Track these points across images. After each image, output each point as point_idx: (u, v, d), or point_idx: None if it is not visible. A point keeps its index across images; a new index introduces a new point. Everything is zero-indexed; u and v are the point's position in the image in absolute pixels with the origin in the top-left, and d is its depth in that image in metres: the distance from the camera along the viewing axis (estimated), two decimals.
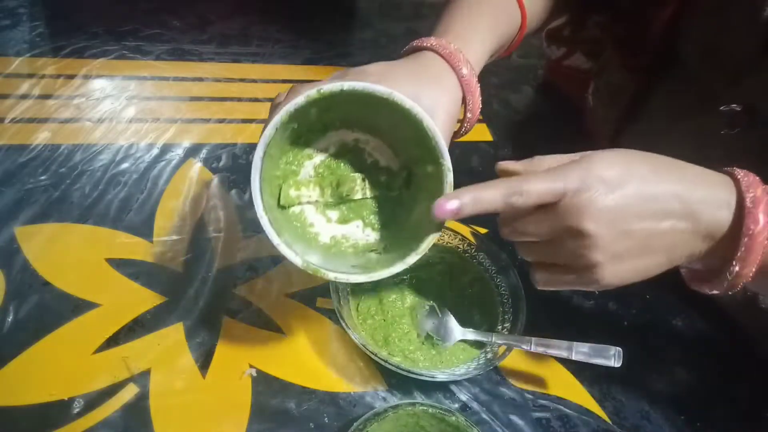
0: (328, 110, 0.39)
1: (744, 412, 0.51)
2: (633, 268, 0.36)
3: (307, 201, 0.43)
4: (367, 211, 0.44)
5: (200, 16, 0.84)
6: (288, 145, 0.41)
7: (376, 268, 0.39)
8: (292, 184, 0.42)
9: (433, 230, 0.38)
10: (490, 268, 0.54)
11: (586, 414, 0.48)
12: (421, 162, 0.40)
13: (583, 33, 0.75)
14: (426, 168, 0.40)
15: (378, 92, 0.36)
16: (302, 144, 0.42)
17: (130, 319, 0.47)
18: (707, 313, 0.57)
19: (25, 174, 0.56)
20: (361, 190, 0.43)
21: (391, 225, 0.44)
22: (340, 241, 0.43)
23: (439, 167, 0.38)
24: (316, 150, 0.43)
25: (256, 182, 0.36)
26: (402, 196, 0.43)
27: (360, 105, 0.38)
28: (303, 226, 0.43)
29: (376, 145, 0.43)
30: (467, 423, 0.40)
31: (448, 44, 0.42)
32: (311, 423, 0.43)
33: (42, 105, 0.64)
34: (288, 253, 0.37)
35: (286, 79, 0.76)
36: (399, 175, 0.43)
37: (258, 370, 0.46)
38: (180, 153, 0.62)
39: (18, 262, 0.49)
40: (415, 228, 0.41)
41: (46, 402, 0.41)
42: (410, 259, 0.38)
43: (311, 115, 0.39)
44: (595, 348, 0.45)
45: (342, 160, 0.43)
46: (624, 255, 0.35)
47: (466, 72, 0.42)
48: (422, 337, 0.48)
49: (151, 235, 0.53)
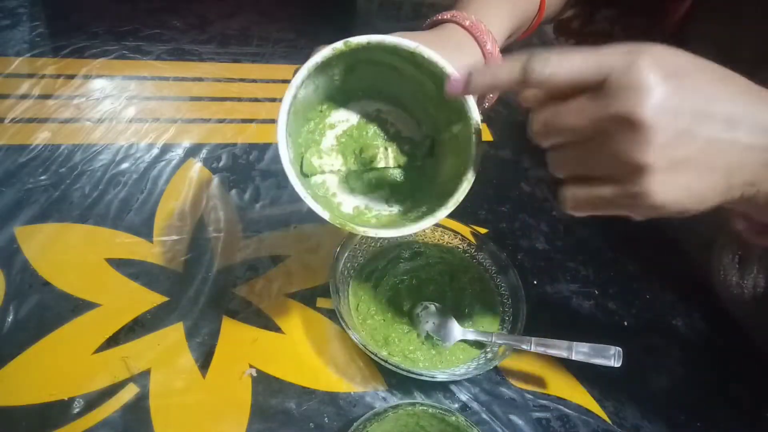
0: (352, 71, 0.39)
1: (744, 412, 0.51)
2: (687, 184, 0.29)
3: (329, 170, 0.42)
4: (390, 181, 0.43)
5: (200, 16, 0.84)
6: (310, 113, 0.41)
7: (404, 224, 0.38)
8: (314, 152, 0.41)
9: (463, 186, 0.37)
10: (490, 268, 0.54)
11: (586, 414, 0.48)
12: (446, 124, 0.40)
13: (591, 26, 0.75)
14: (452, 129, 0.39)
15: (404, 45, 0.36)
16: (324, 113, 0.42)
17: (130, 319, 0.47)
18: (707, 313, 0.57)
19: (25, 174, 0.56)
20: (384, 159, 0.42)
21: (414, 195, 0.43)
22: (363, 211, 0.43)
23: (467, 124, 0.37)
24: (338, 121, 0.43)
25: (282, 132, 0.35)
26: (425, 165, 0.43)
27: (383, 68, 0.38)
28: (326, 196, 0.42)
29: (398, 116, 0.43)
30: (467, 423, 0.40)
31: (469, 16, 0.42)
32: (311, 423, 0.43)
33: (42, 105, 0.64)
34: (315, 206, 0.35)
35: (286, 79, 0.75)
36: (423, 144, 0.43)
37: (258, 370, 0.46)
38: (180, 153, 0.62)
39: (18, 262, 0.49)
40: (439, 196, 0.39)
41: (46, 402, 0.41)
42: (440, 214, 0.37)
43: (335, 77, 0.39)
44: (595, 348, 0.45)
45: (364, 130, 0.43)
46: (681, 164, 0.28)
47: (490, 46, 0.41)
48: (422, 337, 0.48)
49: (151, 235, 0.53)
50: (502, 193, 0.66)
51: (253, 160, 0.63)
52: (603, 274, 0.59)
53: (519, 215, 0.64)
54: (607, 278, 0.59)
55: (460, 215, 0.58)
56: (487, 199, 0.64)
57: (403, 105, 0.43)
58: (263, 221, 0.57)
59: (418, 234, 0.56)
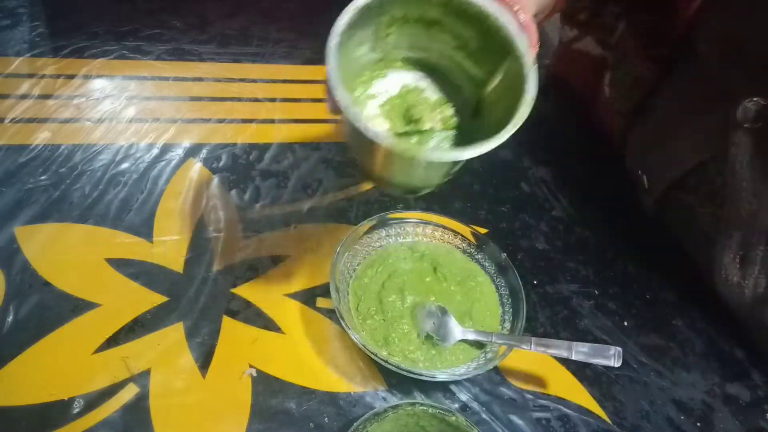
0: (391, 27, 0.39)
1: (744, 412, 0.51)
2: None
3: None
4: (436, 144, 0.42)
5: (200, 16, 0.84)
6: (351, 83, 0.40)
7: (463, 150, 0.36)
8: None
9: (523, 109, 0.36)
10: (490, 268, 0.54)
11: (586, 414, 0.48)
12: (488, 75, 0.39)
13: (597, 19, 0.75)
14: (495, 79, 0.39)
15: None
16: (366, 83, 0.41)
17: (130, 319, 0.47)
18: (707, 313, 0.57)
19: (25, 174, 0.56)
20: (430, 121, 0.41)
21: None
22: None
23: (513, 58, 0.37)
24: (377, 92, 0.42)
25: (333, 57, 0.34)
26: (472, 127, 0.42)
27: (421, 28, 0.38)
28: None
29: (437, 83, 0.43)
30: (467, 423, 0.40)
31: None
32: (311, 423, 0.43)
33: (42, 105, 0.64)
34: (376, 130, 0.34)
35: (286, 79, 0.76)
36: (467, 106, 0.42)
37: (258, 370, 0.46)
38: (180, 153, 0.62)
39: (18, 262, 0.49)
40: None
41: (46, 402, 0.41)
42: (504, 135, 0.35)
43: (379, 32, 0.38)
44: (595, 348, 0.45)
45: (405, 98, 0.42)
46: None
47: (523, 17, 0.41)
48: (422, 337, 0.48)
49: (151, 235, 0.53)
50: (502, 193, 0.66)
51: (253, 160, 0.63)
52: (603, 274, 0.59)
53: (519, 215, 0.64)
54: (607, 278, 0.59)
55: (460, 215, 0.58)
56: (487, 199, 0.64)
57: (441, 72, 0.42)
58: (263, 221, 0.57)
59: (418, 233, 0.56)
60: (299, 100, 0.73)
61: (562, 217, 0.65)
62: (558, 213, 0.65)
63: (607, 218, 0.65)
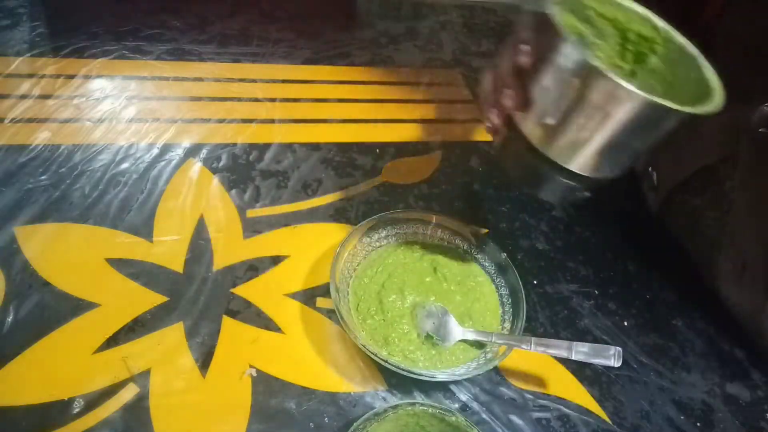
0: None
1: (744, 412, 0.51)
2: None
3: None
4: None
5: (200, 16, 0.84)
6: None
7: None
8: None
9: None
10: (490, 268, 0.54)
11: (586, 414, 0.48)
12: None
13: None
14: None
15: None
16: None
17: (130, 319, 0.47)
18: (707, 313, 0.57)
19: (25, 174, 0.56)
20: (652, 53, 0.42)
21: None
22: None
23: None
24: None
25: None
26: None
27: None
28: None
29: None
30: (467, 423, 0.40)
31: None
32: (311, 423, 0.43)
33: (42, 105, 0.64)
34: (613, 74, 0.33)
35: (286, 79, 0.76)
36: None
37: (258, 370, 0.46)
38: (180, 153, 0.62)
39: (18, 262, 0.49)
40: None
41: (46, 402, 0.41)
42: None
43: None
44: (595, 348, 0.45)
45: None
46: None
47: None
48: (422, 337, 0.48)
49: (151, 235, 0.53)
50: (502, 193, 0.66)
51: (253, 160, 0.63)
52: (603, 274, 0.59)
53: (519, 215, 0.64)
54: (607, 278, 0.59)
55: (460, 215, 0.58)
56: (487, 199, 0.65)
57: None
58: (263, 221, 0.57)
59: (418, 233, 0.56)
60: (299, 100, 0.73)
61: (562, 217, 0.65)
62: (558, 213, 0.65)
63: (607, 218, 0.65)
